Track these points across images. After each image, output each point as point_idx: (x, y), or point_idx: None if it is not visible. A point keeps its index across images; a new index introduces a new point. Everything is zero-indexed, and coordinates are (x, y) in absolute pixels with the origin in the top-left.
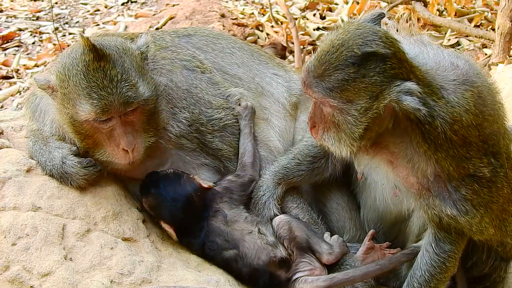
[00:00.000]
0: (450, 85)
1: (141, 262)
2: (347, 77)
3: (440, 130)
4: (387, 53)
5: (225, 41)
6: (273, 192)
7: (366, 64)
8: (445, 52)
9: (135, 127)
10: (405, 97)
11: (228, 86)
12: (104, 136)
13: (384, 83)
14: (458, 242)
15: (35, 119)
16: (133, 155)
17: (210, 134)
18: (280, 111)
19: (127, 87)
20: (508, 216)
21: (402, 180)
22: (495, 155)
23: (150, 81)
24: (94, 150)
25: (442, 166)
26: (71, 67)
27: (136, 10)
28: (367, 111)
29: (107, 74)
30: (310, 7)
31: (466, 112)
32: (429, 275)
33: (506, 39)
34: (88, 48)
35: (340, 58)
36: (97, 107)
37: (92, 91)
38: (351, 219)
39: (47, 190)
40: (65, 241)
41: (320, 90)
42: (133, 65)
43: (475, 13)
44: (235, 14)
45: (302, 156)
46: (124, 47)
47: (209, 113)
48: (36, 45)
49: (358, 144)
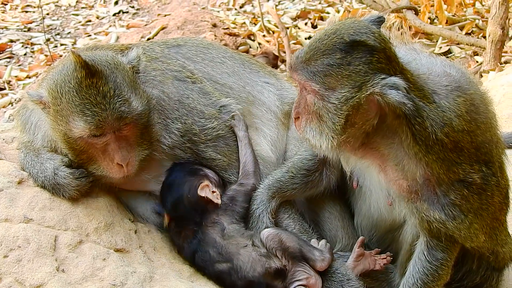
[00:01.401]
0: (442, 90)
1: (134, 273)
2: (332, 62)
3: (431, 131)
4: (376, 46)
5: (216, 50)
6: (267, 206)
7: (353, 52)
8: (438, 59)
9: (129, 141)
10: (390, 91)
11: (220, 96)
12: (98, 151)
13: (368, 75)
14: (450, 250)
15: (26, 131)
16: (128, 169)
17: (203, 144)
18: (272, 119)
19: (120, 102)
20: (499, 225)
21: (391, 183)
22: (487, 163)
23: (142, 95)
24: (89, 165)
25: (432, 168)
26: (63, 84)
27: (127, 20)
28: (348, 100)
29: (100, 91)
30: (302, 16)
31: (458, 117)
32: (422, 283)
33: (497, 47)
34: (79, 65)
35: (329, 44)
36: (91, 124)
37: (86, 108)
38: (343, 228)
39: (39, 201)
40: (57, 253)
41: (304, 73)
42: (125, 80)
43: (466, 21)
44: (227, 24)
45: (296, 169)
46: (116, 62)
47: (202, 122)
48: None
49: (339, 139)
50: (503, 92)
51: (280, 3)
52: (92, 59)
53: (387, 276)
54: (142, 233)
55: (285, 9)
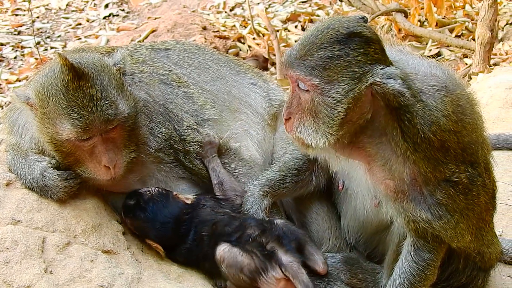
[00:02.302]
0: (429, 90)
1: (122, 274)
2: (331, 54)
3: (419, 128)
4: (372, 37)
5: (202, 55)
6: (260, 204)
7: (351, 44)
8: (424, 61)
9: (116, 143)
10: (389, 80)
11: (204, 103)
12: (86, 153)
13: (367, 65)
14: (437, 251)
15: (14, 133)
16: (115, 171)
17: (182, 153)
18: (258, 122)
19: (107, 105)
20: (485, 225)
21: (378, 182)
22: (473, 164)
23: (129, 97)
24: (76, 167)
25: (419, 167)
26: (50, 87)
27: (118, 23)
28: (349, 92)
29: (87, 93)
30: (292, 19)
31: (444, 117)
32: (409, 283)
33: (486, 49)
34: (66, 68)
35: (325, 38)
36: (78, 127)
37: (72, 111)
38: (330, 229)
39: (27, 203)
40: (45, 254)
41: (302, 68)
42: (112, 82)
43: (456, 23)
44: (217, 27)
45: (287, 168)
46: (102, 64)
47: (180, 132)
48: (18, 59)
49: (336, 135)
50: (490, 94)
51: (270, 6)
52: (79, 61)
53: (374, 277)
54: (130, 234)
55: (275, 12)
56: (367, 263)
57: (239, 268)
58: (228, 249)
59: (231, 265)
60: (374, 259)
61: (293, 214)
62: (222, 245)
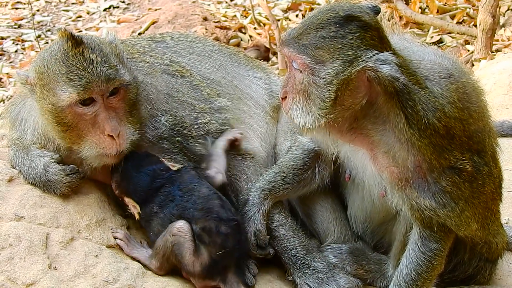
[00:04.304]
0: (435, 77)
1: (126, 269)
2: (326, 35)
3: (423, 114)
4: (370, 23)
5: (202, 44)
6: (260, 208)
7: (347, 27)
8: (429, 49)
9: (118, 114)
10: (382, 65)
11: (210, 93)
12: (88, 124)
13: (361, 50)
14: (444, 240)
15: (16, 128)
16: (119, 141)
17: (193, 138)
18: (260, 114)
19: (107, 67)
20: (491, 215)
21: (382, 169)
22: (480, 152)
23: (129, 69)
24: (79, 144)
25: (423, 154)
26: (50, 58)
27: (118, 15)
28: (339, 74)
29: (87, 58)
30: (293, 8)
31: (450, 104)
32: (416, 273)
33: (488, 35)
34: (66, 38)
35: (323, 18)
36: (79, 87)
37: (72, 74)
38: (335, 220)
39: (30, 199)
40: (49, 250)
41: (295, 46)
42: (111, 52)
43: (457, 9)
44: (218, 17)
45: (287, 169)
46: (100, 40)
47: (193, 116)
48: (18, 53)
49: (327, 118)
50: (494, 81)
51: None
52: (78, 34)
53: (380, 268)
54: (134, 228)
55: (276, 1)
56: (373, 254)
57: (181, 253)
58: (186, 228)
59: (178, 244)
60: (380, 249)
61: (297, 206)
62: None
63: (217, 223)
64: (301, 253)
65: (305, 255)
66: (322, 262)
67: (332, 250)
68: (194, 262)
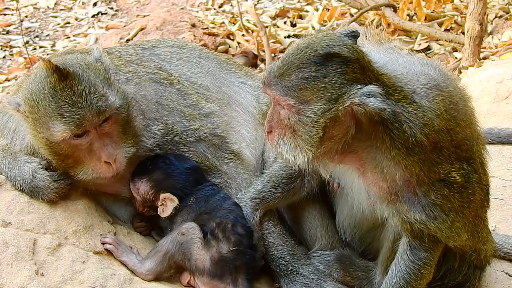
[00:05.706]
0: (422, 89)
1: (114, 275)
2: (307, 75)
3: (410, 133)
4: (350, 57)
5: (190, 51)
6: (252, 219)
7: (327, 64)
8: (415, 58)
9: (112, 138)
10: (369, 99)
11: (198, 99)
12: (84, 152)
13: (344, 86)
14: (433, 250)
15: (4, 136)
16: (116, 166)
17: (185, 145)
18: (249, 120)
19: (97, 98)
20: (480, 222)
21: (371, 185)
22: (469, 160)
23: (118, 90)
24: (76, 170)
25: (411, 171)
26: (38, 92)
27: (106, 22)
28: (325, 112)
29: (75, 91)
30: (281, 14)
31: (438, 116)
32: (404, 281)
33: (476, 42)
34: (51, 70)
35: (303, 58)
36: (71, 123)
37: (63, 110)
38: (323, 227)
39: (17, 205)
40: (36, 256)
41: (279, 88)
42: (99, 77)
43: (445, 17)
44: (206, 24)
45: (277, 178)
46: (86, 62)
47: (184, 123)
48: (6, 59)
49: (315, 152)
50: (481, 88)
51: (259, 2)
52: (63, 62)
53: (367, 274)
54: (122, 235)
55: (264, 8)
56: (360, 261)
57: (190, 250)
58: (196, 228)
59: (187, 242)
60: (368, 256)
61: (285, 213)
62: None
63: (235, 223)
64: (289, 260)
65: (293, 262)
66: (310, 268)
67: (320, 257)
68: (204, 256)
